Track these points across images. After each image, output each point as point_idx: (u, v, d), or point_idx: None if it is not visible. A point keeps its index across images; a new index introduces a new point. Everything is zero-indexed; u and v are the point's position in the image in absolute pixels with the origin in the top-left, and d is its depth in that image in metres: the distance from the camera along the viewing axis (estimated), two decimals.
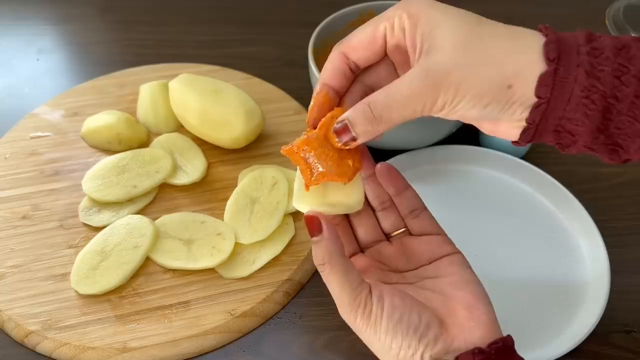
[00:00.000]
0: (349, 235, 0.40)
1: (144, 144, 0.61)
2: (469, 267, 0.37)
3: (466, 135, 0.60)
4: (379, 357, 0.35)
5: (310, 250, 0.53)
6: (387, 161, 0.56)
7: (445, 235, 0.39)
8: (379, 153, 0.56)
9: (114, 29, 0.79)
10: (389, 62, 0.36)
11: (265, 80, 0.68)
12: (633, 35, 0.78)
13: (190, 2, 0.83)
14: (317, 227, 0.34)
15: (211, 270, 0.51)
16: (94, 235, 0.52)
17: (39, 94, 0.68)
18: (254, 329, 0.49)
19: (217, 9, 0.82)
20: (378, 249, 0.39)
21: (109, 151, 0.60)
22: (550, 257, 0.53)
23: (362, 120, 0.33)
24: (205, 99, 0.58)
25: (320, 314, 0.50)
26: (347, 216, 0.40)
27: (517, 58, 0.31)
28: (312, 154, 0.34)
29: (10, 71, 0.73)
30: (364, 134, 0.33)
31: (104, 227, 0.53)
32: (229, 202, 0.55)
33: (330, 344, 0.48)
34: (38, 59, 0.74)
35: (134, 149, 0.60)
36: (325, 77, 0.36)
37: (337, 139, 0.34)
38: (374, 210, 0.40)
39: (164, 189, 0.58)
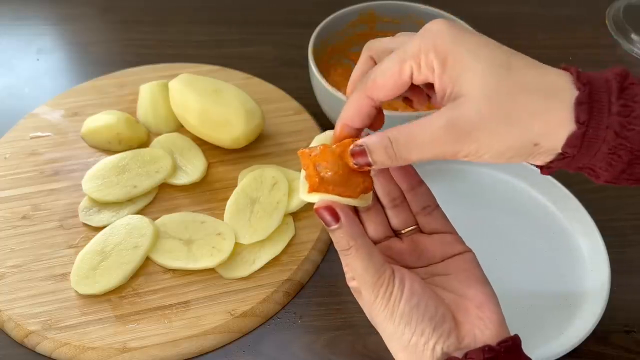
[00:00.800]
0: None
1: (144, 144, 0.61)
2: (480, 266, 0.37)
3: None
4: (388, 343, 0.35)
5: (310, 251, 0.53)
6: None
7: (457, 233, 0.39)
8: None
9: (114, 29, 0.79)
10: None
11: (265, 80, 0.68)
12: (633, 35, 0.78)
13: (190, 2, 0.83)
14: (333, 215, 0.34)
15: (211, 270, 0.51)
16: (94, 235, 0.52)
17: (39, 94, 0.68)
18: (254, 329, 0.49)
19: (217, 9, 0.82)
20: (388, 244, 0.39)
21: (109, 151, 0.60)
22: (550, 257, 0.53)
23: (382, 152, 0.33)
24: (205, 99, 0.57)
25: (320, 314, 0.50)
26: (356, 213, 0.40)
27: (547, 119, 0.30)
28: (323, 164, 0.34)
29: (10, 71, 0.73)
30: (380, 164, 0.33)
31: (104, 227, 0.53)
32: (229, 202, 0.55)
33: (330, 344, 0.48)
34: (38, 59, 0.74)
35: (134, 149, 0.60)
36: (347, 118, 0.36)
37: (353, 161, 0.34)
38: (383, 208, 0.40)
39: (164, 189, 0.58)
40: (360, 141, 0.34)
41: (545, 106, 0.30)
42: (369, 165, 0.34)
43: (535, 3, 0.85)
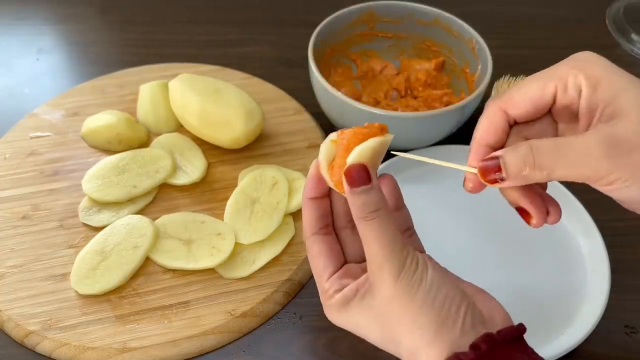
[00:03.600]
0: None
1: (144, 144, 0.61)
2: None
3: (466, 135, 0.60)
4: (395, 328, 0.33)
5: None
6: (388, 161, 0.56)
7: None
8: None
9: (114, 29, 0.79)
10: (551, 120, 0.34)
11: (265, 80, 0.68)
12: (633, 35, 0.78)
13: (190, 2, 0.83)
14: (367, 175, 0.32)
15: (211, 270, 0.51)
16: (93, 235, 0.52)
17: (39, 94, 0.68)
18: (254, 329, 0.49)
19: (217, 9, 0.82)
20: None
21: (109, 151, 0.60)
22: (550, 257, 0.53)
23: (520, 162, 0.30)
24: (205, 99, 0.57)
25: (320, 314, 0.50)
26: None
27: None
28: (337, 153, 0.34)
29: (10, 71, 0.72)
30: (515, 177, 0.31)
31: (103, 227, 0.53)
32: (229, 202, 0.55)
33: (330, 344, 0.48)
34: (38, 59, 0.74)
35: (134, 149, 0.59)
36: (482, 134, 0.34)
37: (485, 177, 0.32)
38: None
39: (164, 189, 0.58)
40: (495, 153, 0.31)
41: None
42: (502, 180, 0.31)
43: (535, 3, 0.85)
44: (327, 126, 0.63)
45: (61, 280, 0.50)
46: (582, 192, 0.56)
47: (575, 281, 0.51)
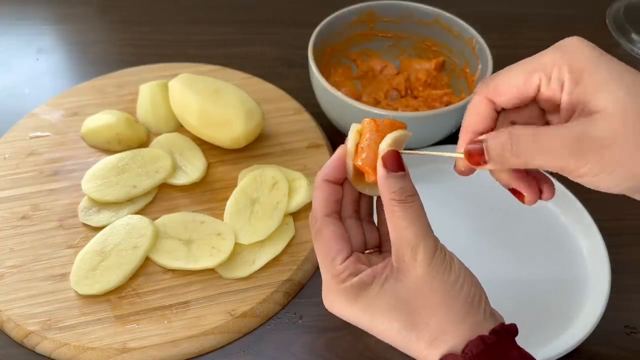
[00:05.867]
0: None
1: (144, 144, 0.61)
2: None
3: None
4: (444, 302, 0.33)
5: (310, 251, 0.53)
6: None
7: None
8: None
9: (114, 29, 0.79)
10: (538, 106, 0.35)
11: (265, 80, 0.68)
12: (633, 35, 0.78)
13: (190, 2, 0.83)
14: (402, 161, 0.34)
15: (211, 271, 0.51)
16: (93, 236, 0.52)
17: (39, 94, 0.68)
18: (254, 329, 0.49)
19: (217, 9, 0.82)
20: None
21: (109, 151, 0.60)
22: (550, 257, 0.53)
23: (500, 148, 0.32)
24: (205, 99, 0.57)
25: (320, 314, 0.50)
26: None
27: None
28: (369, 138, 0.35)
29: (10, 71, 0.72)
30: (496, 161, 0.32)
31: (103, 227, 0.53)
32: (229, 202, 0.55)
33: (330, 344, 0.48)
34: (38, 59, 0.74)
35: (133, 149, 0.59)
36: (469, 121, 0.35)
37: (470, 159, 0.33)
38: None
39: (163, 189, 0.57)
40: (481, 137, 0.33)
41: None
42: (485, 162, 0.32)
43: (536, 3, 0.85)
44: (327, 126, 0.63)
45: (61, 280, 0.50)
46: (582, 192, 0.55)
47: (575, 281, 0.51)
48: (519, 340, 0.35)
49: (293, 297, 0.51)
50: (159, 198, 0.57)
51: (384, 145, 0.34)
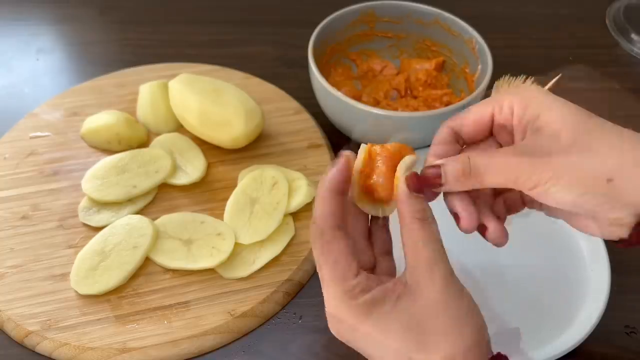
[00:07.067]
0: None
1: (144, 144, 0.61)
2: None
3: None
4: (457, 325, 0.33)
5: (310, 251, 0.53)
6: None
7: None
8: None
9: (114, 29, 0.79)
10: (495, 142, 0.38)
11: (265, 80, 0.68)
12: (633, 35, 0.78)
13: (190, 2, 0.83)
14: (422, 185, 0.35)
15: (211, 271, 0.51)
16: (93, 236, 0.52)
17: (39, 94, 0.68)
18: (254, 329, 0.49)
19: (217, 9, 0.82)
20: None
21: (109, 151, 0.60)
22: (550, 257, 0.53)
23: (457, 170, 0.34)
24: (205, 99, 0.57)
25: (320, 314, 0.50)
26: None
27: (621, 152, 0.31)
28: (380, 160, 0.36)
29: (10, 71, 0.72)
30: (453, 182, 0.34)
31: (103, 227, 0.53)
32: (229, 202, 0.55)
33: (330, 344, 0.48)
34: (37, 59, 0.74)
35: (133, 149, 0.59)
36: (436, 151, 0.37)
37: (426, 182, 0.35)
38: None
39: (163, 189, 0.57)
40: (437, 162, 0.35)
41: (621, 142, 0.32)
42: (441, 185, 0.34)
43: (535, 3, 0.85)
44: (327, 126, 0.63)
45: (61, 280, 0.50)
46: None
47: (575, 281, 0.51)
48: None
49: (293, 297, 0.51)
50: (159, 198, 0.57)
51: (404, 167, 0.35)
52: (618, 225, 0.33)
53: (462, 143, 0.38)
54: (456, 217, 0.36)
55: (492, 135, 0.38)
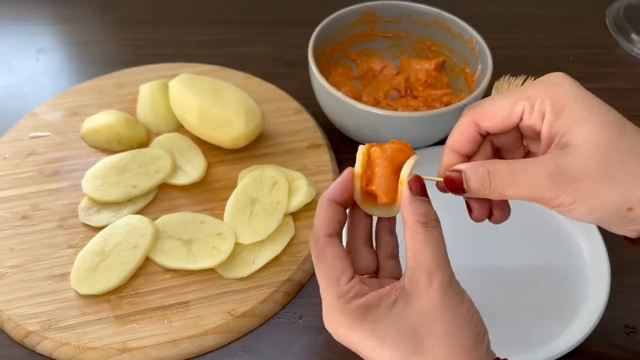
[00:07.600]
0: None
1: (144, 144, 0.61)
2: None
3: None
4: (454, 332, 0.33)
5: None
6: None
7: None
8: None
9: (114, 29, 0.79)
10: (519, 132, 0.37)
11: (265, 80, 0.68)
12: (633, 35, 0.78)
13: (190, 2, 0.83)
14: (425, 188, 0.35)
15: (211, 271, 0.51)
16: (93, 236, 0.52)
17: (39, 94, 0.68)
18: (254, 329, 0.49)
19: (217, 9, 0.82)
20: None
21: (109, 151, 0.60)
22: (550, 257, 0.53)
23: (479, 183, 0.34)
24: (205, 99, 0.57)
25: (320, 314, 0.50)
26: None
27: None
28: (380, 163, 0.36)
29: (10, 71, 0.72)
30: (475, 192, 0.34)
31: (103, 227, 0.53)
32: (229, 202, 0.55)
33: (330, 344, 0.48)
34: (37, 59, 0.74)
35: (133, 149, 0.59)
36: (454, 142, 0.37)
37: (449, 186, 0.35)
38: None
39: (163, 189, 0.57)
40: (459, 166, 0.35)
41: None
42: (464, 192, 0.34)
43: (535, 3, 0.85)
44: (327, 126, 0.63)
45: (61, 280, 0.50)
46: None
47: (575, 281, 0.51)
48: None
49: (293, 297, 0.51)
50: (159, 198, 0.57)
51: (408, 170, 0.35)
52: (632, 232, 0.34)
53: (485, 134, 0.37)
54: (469, 207, 0.38)
55: (517, 128, 0.37)
